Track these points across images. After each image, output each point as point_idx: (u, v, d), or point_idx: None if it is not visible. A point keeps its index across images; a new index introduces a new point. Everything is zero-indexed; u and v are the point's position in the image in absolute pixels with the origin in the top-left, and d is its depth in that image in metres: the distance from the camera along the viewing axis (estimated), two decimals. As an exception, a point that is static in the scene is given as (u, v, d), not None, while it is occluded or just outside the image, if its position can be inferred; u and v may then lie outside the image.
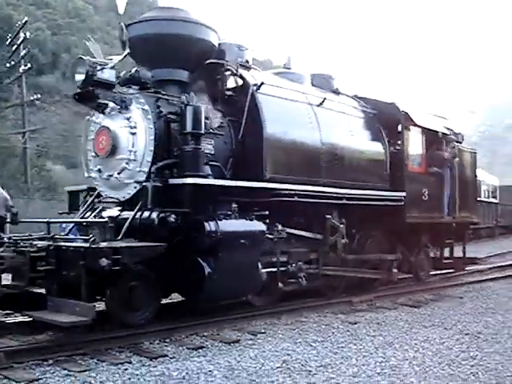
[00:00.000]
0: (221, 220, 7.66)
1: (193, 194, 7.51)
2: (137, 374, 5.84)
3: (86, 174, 8.46)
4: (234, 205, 7.97)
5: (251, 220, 8.15)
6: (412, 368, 6.16)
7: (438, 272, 13.96)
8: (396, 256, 11.19)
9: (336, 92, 11.40)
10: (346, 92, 11.85)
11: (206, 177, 7.78)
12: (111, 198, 8.20)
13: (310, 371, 6.00)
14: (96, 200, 8.65)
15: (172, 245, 7.26)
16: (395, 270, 11.00)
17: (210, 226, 7.52)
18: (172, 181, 7.65)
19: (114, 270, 6.56)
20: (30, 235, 7.70)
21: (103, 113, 7.93)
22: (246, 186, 8.18)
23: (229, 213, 7.88)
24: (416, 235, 12.27)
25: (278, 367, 6.13)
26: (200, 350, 6.86)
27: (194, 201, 7.54)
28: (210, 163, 8.25)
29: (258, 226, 8.23)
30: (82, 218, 8.56)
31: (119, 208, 8.12)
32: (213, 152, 8.46)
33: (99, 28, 49.04)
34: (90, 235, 6.74)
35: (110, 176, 7.99)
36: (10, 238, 7.53)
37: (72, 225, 8.60)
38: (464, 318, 9.09)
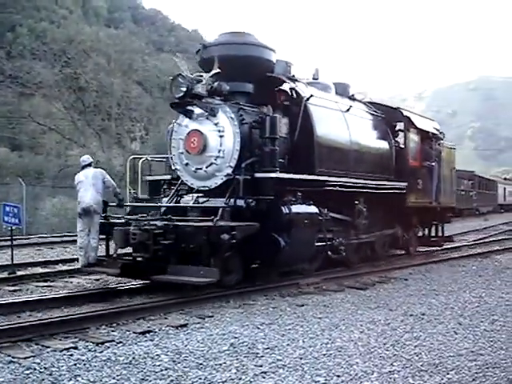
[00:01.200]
0: (291, 205, 9.49)
1: (273, 185, 9.41)
2: (83, 360, 5.78)
3: (173, 167, 10.35)
4: (299, 193, 9.79)
5: (309, 205, 9.97)
6: (357, 349, 6.26)
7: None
8: (398, 233, 14.12)
9: (352, 98, 13.33)
10: (359, 98, 13.86)
11: (276, 171, 9.55)
12: (204, 186, 9.89)
13: (258, 354, 6.04)
14: (183, 187, 10.42)
15: None
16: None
17: (286, 209, 9.38)
18: (258, 175, 9.51)
19: (231, 242, 8.42)
20: (143, 216, 9.43)
21: (190, 118, 9.75)
22: (307, 179, 10.18)
23: (294, 199, 9.66)
24: (410, 217, 14.54)
25: (225, 350, 6.15)
26: (147, 335, 6.83)
27: (274, 190, 9.42)
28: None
29: (314, 209, 10.10)
30: (170, 202, 10.30)
31: (197, 195, 9.79)
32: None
33: (45, 7, 47.78)
34: (212, 217, 8.46)
35: (198, 169, 9.83)
36: (136, 220, 9.18)
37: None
38: (408, 299, 9.28)
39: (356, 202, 11.90)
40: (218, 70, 9.48)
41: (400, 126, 13.99)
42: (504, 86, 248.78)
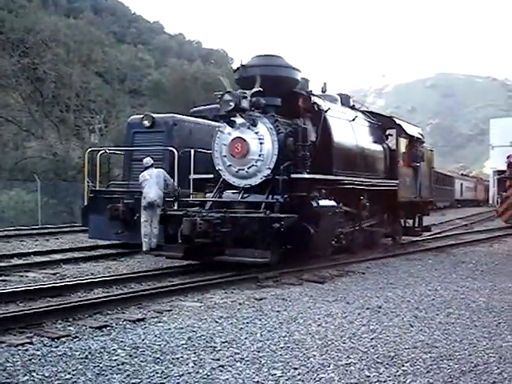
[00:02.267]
0: (318, 200, 11.32)
1: (304, 184, 11.34)
2: (38, 355, 5.69)
3: (216, 168, 11.89)
4: (323, 190, 11.66)
5: (330, 200, 11.81)
6: (314, 342, 6.31)
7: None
8: (388, 230, 16.28)
9: (353, 108, 15.30)
10: (358, 107, 15.91)
11: (307, 172, 11.52)
12: (245, 184, 11.60)
13: (215, 347, 6.04)
14: (223, 185, 11.97)
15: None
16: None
17: (315, 203, 11.20)
18: (293, 175, 11.36)
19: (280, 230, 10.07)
20: (200, 209, 11.32)
21: (232, 127, 11.49)
22: (329, 179, 12.16)
23: (319, 195, 11.44)
24: (398, 210, 16.50)
25: (182, 344, 6.13)
26: (104, 329, 6.76)
27: (306, 188, 11.32)
28: None
29: (334, 203, 11.94)
30: (214, 197, 11.95)
31: (233, 191, 11.76)
32: None
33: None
34: (264, 209, 10.57)
35: (241, 170, 11.55)
36: (198, 212, 10.97)
37: None
38: (366, 292, 9.39)
39: (361, 198, 13.70)
40: (260, 89, 11.26)
41: (392, 132, 16.11)
42: (462, 83, 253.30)
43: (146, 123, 15.03)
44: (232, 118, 11.43)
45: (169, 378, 5.09)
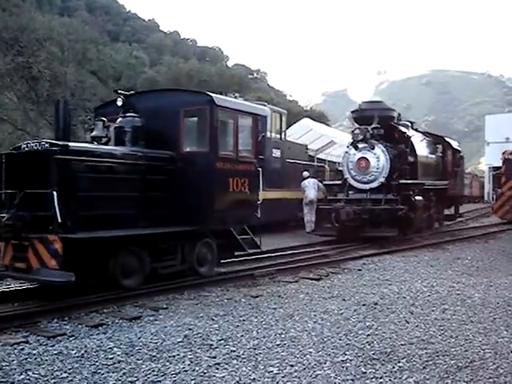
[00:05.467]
0: (415, 196, 17.02)
1: (407, 186, 16.95)
2: (34, 354, 5.71)
3: (345, 176, 17.25)
4: (416, 190, 17.35)
5: (419, 196, 17.34)
6: (311, 339, 6.32)
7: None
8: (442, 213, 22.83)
9: (417, 130, 21.28)
10: (419, 129, 22.91)
11: (408, 179, 17.38)
12: (368, 188, 16.83)
13: (211, 345, 6.05)
14: (348, 187, 17.39)
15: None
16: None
17: (414, 198, 16.88)
18: (401, 181, 16.87)
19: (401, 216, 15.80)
20: (343, 205, 16.37)
21: (356, 149, 16.94)
22: (419, 182, 17.91)
23: (413, 193, 16.98)
24: (445, 202, 22.16)
25: (179, 342, 6.14)
26: (100, 328, 6.77)
27: (407, 189, 16.88)
28: None
29: (421, 198, 17.47)
30: (345, 196, 17.26)
31: (352, 192, 17.02)
32: None
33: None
34: (387, 203, 16.27)
35: (363, 178, 16.92)
36: (347, 206, 16.22)
37: None
38: (362, 289, 9.41)
39: (430, 194, 19.12)
40: (378, 125, 16.89)
41: (439, 145, 22.17)
42: (457, 80, 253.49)
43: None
44: (357, 144, 16.89)
45: (165, 375, 5.10)
